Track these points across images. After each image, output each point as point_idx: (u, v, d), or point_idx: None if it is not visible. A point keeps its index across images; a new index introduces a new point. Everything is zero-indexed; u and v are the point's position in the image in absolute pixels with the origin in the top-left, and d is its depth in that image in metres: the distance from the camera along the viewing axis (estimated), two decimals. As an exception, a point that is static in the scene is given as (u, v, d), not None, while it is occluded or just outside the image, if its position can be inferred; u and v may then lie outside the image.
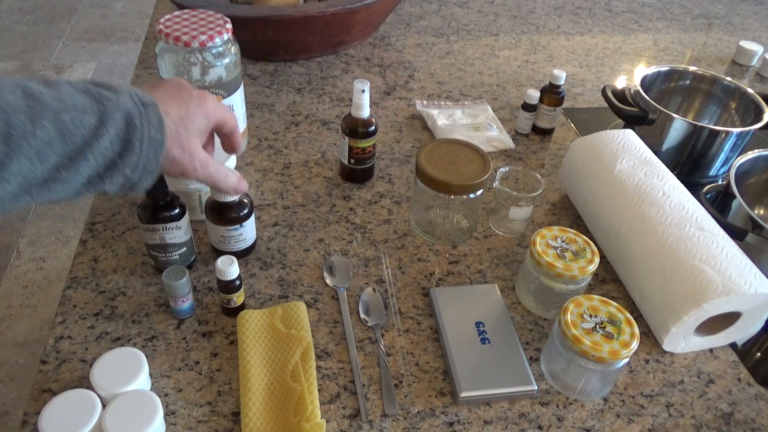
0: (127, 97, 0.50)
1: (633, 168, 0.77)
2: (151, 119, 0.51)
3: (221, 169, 0.59)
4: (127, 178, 0.50)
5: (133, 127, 0.49)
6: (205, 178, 0.58)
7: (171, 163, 0.54)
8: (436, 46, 1.28)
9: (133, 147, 0.49)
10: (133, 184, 0.51)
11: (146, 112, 0.51)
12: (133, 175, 0.50)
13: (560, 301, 0.68)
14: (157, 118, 0.52)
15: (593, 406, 0.63)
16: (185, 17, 0.81)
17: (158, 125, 0.51)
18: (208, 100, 0.58)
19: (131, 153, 0.49)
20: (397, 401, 0.62)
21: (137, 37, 3.09)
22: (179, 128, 0.54)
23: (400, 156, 0.96)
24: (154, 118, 0.51)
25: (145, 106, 0.51)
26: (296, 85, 1.10)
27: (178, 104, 0.55)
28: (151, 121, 0.51)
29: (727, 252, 0.67)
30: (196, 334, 0.66)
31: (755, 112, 0.96)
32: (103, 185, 0.49)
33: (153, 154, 0.51)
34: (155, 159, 0.51)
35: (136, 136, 0.49)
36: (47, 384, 0.61)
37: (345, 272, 0.75)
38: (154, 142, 0.51)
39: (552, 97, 0.98)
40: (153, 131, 0.51)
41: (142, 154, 0.50)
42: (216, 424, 0.59)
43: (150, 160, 0.51)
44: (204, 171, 0.57)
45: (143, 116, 0.50)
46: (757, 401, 0.65)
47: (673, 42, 1.39)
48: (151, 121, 0.51)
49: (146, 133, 0.50)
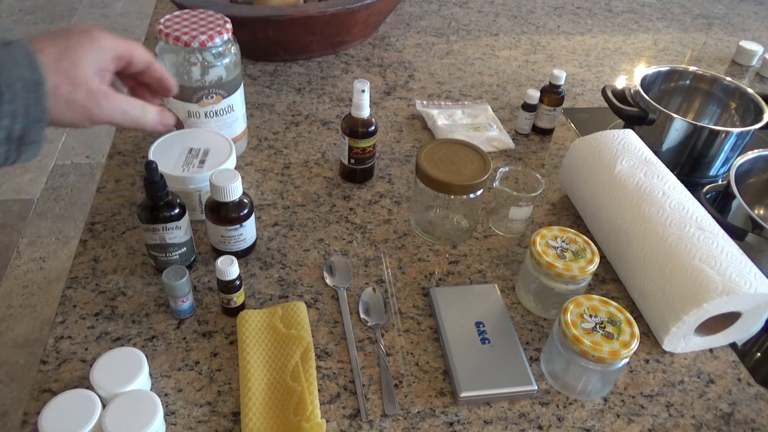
0: None
1: (633, 168, 0.77)
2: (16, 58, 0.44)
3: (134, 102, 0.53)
4: (8, 130, 0.44)
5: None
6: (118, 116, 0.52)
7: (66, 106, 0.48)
8: (436, 46, 1.28)
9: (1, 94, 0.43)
10: (21, 137, 0.45)
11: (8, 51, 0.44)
12: (15, 126, 0.45)
13: (560, 301, 0.68)
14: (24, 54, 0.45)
15: (593, 406, 0.63)
16: (185, 17, 0.81)
17: (28, 63, 0.45)
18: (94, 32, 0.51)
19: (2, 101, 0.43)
20: (397, 401, 0.62)
21: (137, 37, 3.08)
22: (62, 62, 0.48)
23: (400, 156, 0.96)
24: (20, 56, 0.45)
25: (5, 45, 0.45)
26: (296, 85, 1.10)
27: (53, 40, 0.49)
28: (18, 59, 0.44)
29: (727, 252, 0.67)
30: (196, 334, 0.66)
31: (755, 112, 0.96)
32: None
33: (34, 98, 0.45)
34: (37, 102, 0.45)
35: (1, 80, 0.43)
36: (47, 384, 0.61)
37: (345, 272, 0.75)
38: (29, 83, 0.45)
39: (552, 97, 0.98)
40: (23, 70, 0.45)
41: (16, 99, 0.44)
42: (216, 424, 0.59)
43: (31, 105, 0.45)
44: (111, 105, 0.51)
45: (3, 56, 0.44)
46: (757, 401, 0.65)
47: (673, 42, 1.39)
48: (17, 60, 0.44)
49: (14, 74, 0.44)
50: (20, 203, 2.12)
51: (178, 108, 0.83)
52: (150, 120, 0.56)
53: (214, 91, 0.81)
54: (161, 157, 0.75)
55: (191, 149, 0.77)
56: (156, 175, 0.63)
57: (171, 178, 0.72)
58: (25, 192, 2.17)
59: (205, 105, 0.82)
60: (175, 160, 0.75)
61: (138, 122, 0.55)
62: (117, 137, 0.94)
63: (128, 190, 0.84)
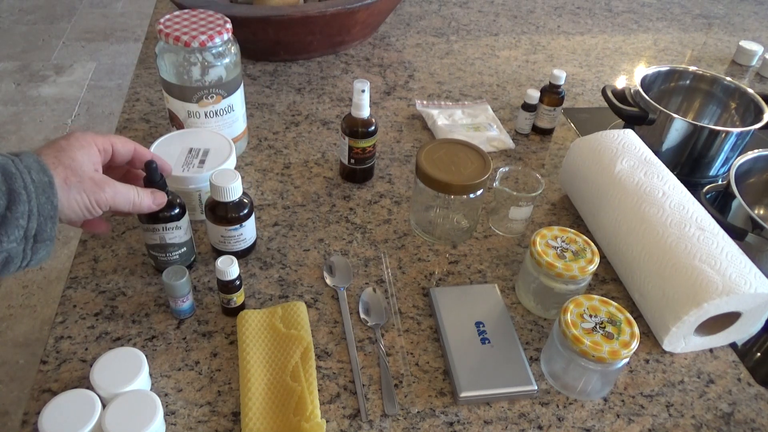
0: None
1: (633, 168, 0.77)
2: (28, 164, 0.50)
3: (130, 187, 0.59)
4: (24, 228, 0.49)
5: (11, 175, 0.49)
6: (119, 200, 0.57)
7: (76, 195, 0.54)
8: (436, 46, 1.28)
9: (18, 195, 0.48)
10: (36, 235, 0.50)
11: (20, 159, 0.50)
12: (30, 224, 0.49)
13: (560, 301, 0.68)
14: (35, 161, 0.51)
15: (593, 406, 0.63)
16: (185, 17, 0.81)
17: (39, 167, 0.51)
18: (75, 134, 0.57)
19: (19, 202, 0.48)
20: (397, 401, 0.62)
21: (137, 37, 3.09)
22: (63, 159, 0.54)
23: (400, 156, 0.96)
24: (31, 162, 0.51)
25: (18, 155, 0.51)
26: (296, 85, 1.10)
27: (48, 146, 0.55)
28: (30, 165, 0.50)
29: (727, 252, 0.67)
30: (196, 334, 0.66)
31: (755, 112, 0.96)
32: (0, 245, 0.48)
33: (46, 198, 0.50)
34: (49, 202, 0.51)
35: (18, 183, 0.48)
36: (47, 384, 0.61)
37: (345, 272, 0.75)
38: (41, 185, 0.50)
39: (552, 97, 0.98)
40: (35, 174, 0.50)
41: (32, 200, 0.49)
42: (216, 424, 0.59)
43: (44, 204, 0.50)
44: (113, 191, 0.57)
45: (18, 163, 0.50)
46: (757, 401, 0.65)
47: (673, 42, 1.39)
48: (29, 166, 0.50)
49: (28, 177, 0.49)
50: (20, 203, 2.12)
51: (178, 108, 0.83)
52: (145, 201, 0.61)
53: (214, 91, 0.81)
54: (161, 157, 0.75)
55: (191, 149, 0.77)
56: (156, 175, 0.63)
57: (171, 178, 0.72)
58: (25, 192, 2.17)
59: (205, 105, 0.82)
60: (175, 160, 0.75)
61: (134, 205, 0.60)
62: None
63: (128, 190, 0.84)
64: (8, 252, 0.49)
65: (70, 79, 2.74)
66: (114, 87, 2.72)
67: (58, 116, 2.52)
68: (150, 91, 1.05)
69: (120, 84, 2.74)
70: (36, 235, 0.50)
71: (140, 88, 1.06)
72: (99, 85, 2.72)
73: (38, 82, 2.70)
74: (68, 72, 2.79)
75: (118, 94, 2.67)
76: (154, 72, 1.11)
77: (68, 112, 2.55)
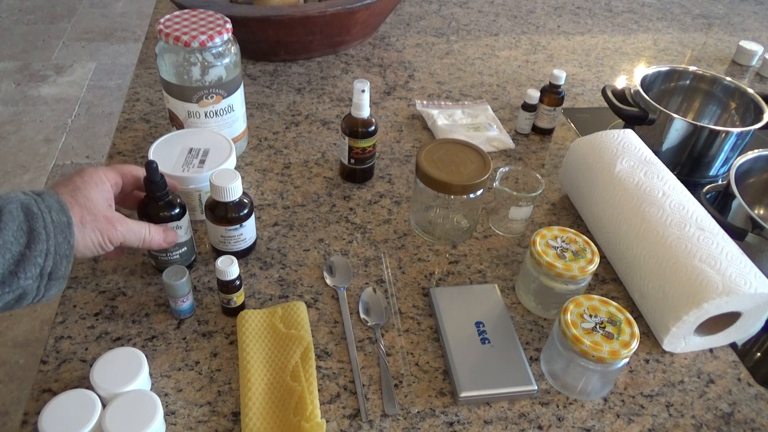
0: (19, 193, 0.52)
1: (633, 168, 0.77)
2: (49, 204, 0.52)
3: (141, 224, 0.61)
4: (41, 267, 0.50)
5: (33, 214, 0.50)
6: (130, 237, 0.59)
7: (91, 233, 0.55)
8: (436, 46, 1.28)
9: (38, 234, 0.50)
10: (51, 273, 0.51)
11: (42, 199, 0.52)
12: (47, 263, 0.51)
13: (560, 301, 0.68)
14: (56, 201, 0.53)
15: (593, 406, 0.63)
16: (185, 17, 0.81)
17: (59, 207, 0.52)
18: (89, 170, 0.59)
19: (38, 241, 0.50)
20: (397, 401, 0.62)
21: (137, 37, 3.09)
22: (78, 198, 0.55)
23: (400, 156, 0.96)
24: (53, 202, 0.52)
25: (40, 194, 0.52)
26: (296, 85, 1.10)
27: (64, 183, 0.57)
28: (51, 205, 0.52)
29: (727, 252, 0.67)
30: (196, 334, 0.66)
31: (755, 112, 0.96)
32: (18, 281, 0.49)
33: (63, 237, 0.52)
34: (66, 242, 0.52)
35: (39, 223, 0.50)
36: (47, 384, 0.61)
37: (345, 272, 0.75)
38: (60, 225, 0.52)
39: (552, 97, 0.98)
40: (55, 214, 0.52)
41: (50, 239, 0.50)
42: (216, 424, 0.59)
43: (61, 244, 0.52)
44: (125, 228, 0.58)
45: (40, 203, 0.51)
46: (757, 401, 0.65)
47: (673, 42, 1.39)
48: (50, 206, 0.52)
49: (48, 217, 0.51)
50: (20, 203, 2.12)
51: (178, 108, 0.83)
52: (155, 239, 0.63)
53: (214, 91, 0.81)
54: (161, 157, 0.75)
55: (191, 149, 0.77)
56: (156, 174, 0.63)
57: (171, 177, 0.72)
58: (25, 192, 2.17)
59: (205, 105, 0.82)
60: (175, 160, 0.75)
61: (145, 241, 0.62)
62: (117, 137, 0.94)
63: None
64: (23, 288, 0.50)
65: (70, 79, 2.74)
66: (114, 87, 2.72)
67: (58, 116, 2.52)
68: (150, 91, 1.05)
69: (120, 84, 2.74)
70: (51, 273, 0.52)
71: (140, 88, 1.06)
72: (99, 85, 2.72)
73: (38, 82, 2.71)
74: (68, 72, 2.79)
75: (118, 94, 2.67)
76: (154, 72, 1.11)
77: (68, 112, 2.55)
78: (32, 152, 2.33)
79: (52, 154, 2.33)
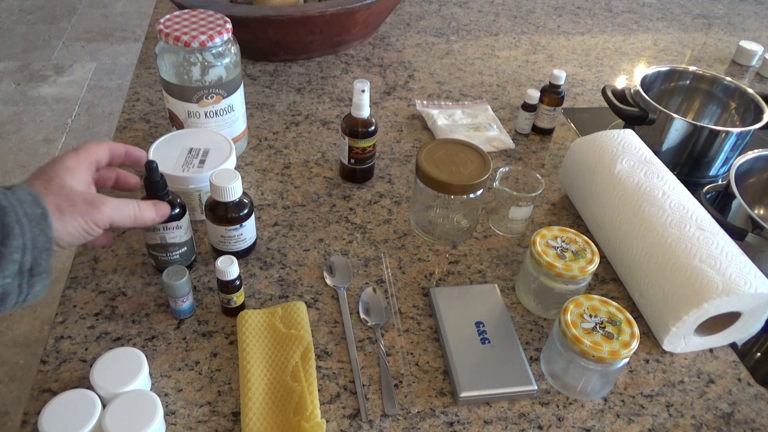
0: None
1: (633, 168, 0.77)
2: (21, 197, 0.50)
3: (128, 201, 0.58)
4: (20, 263, 0.48)
5: (2, 209, 0.48)
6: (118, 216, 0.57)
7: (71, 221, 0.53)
8: (436, 46, 1.28)
9: (11, 229, 0.47)
10: (31, 268, 0.49)
11: (12, 192, 0.50)
12: (25, 258, 0.48)
13: (560, 301, 0.68)
14: (28, 193, 0.50)
15: (593, 406, 0.63)
16: (185, 17, 0.81)
17: (31, 199, 0.50)
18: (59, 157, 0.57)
19: (12, 236, 0.47)
20: (397, 401, 0.62)
21: (137, 37, 3.09)
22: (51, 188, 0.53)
23: (400, 156, 0.96)
24: (24, 195, 0.50)
25: (9, 188, 0.50)
26: (296, 85, 1.10)
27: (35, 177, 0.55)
28: (22, 198, 0.50)
29: (727, 252, 0.67)
30: (196, 334, 0.66)
31: (755, 112, 0.96)
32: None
33: (40, 230, 0.49)
34: (43, 234, 0.50)
35: (10, 217, 0.48)
36: (47, 384, 0.61)
37: (345, 272, 0.75)
38: (34, 217, 0.49)
39: (552, 97, 0.98)
40: (28, 207, 0.49)
41: (25, 233, 0.48)
42: (216, 424, 0.59)
43: (38, 237, 0.49)
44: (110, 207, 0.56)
45: (10, 197, 0.49)
46: (757, 401, 0.65)
47: (673, 42, 1.39)
48: (22, 199, 0.49)
49: (20, 210, 0.49)
50: (20, 203, 2.12)
51: (178, 108, 0.83)
52: (147, 214, 0.60)
53: (214, 91, 0.81)
54: (161, 157, 0.75)
55: (191, 149, 0.77)
56: (156, 174, 0.63)
57: (171, 178, 0.72)
58: (25, 192, 2.17)
59: (205, 105, 0.82)
60: (175, 160, 0.75)
61: (136, 218, 0.59)
62: (117, 137, 0.94)
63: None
64: (3, 288, 0.48)
65: (70, 79, 2.74)
66: (114, 87, 2.72)
67: (58, 116, 2.52)
68: (150, 91, 1.05)
69: (120, 84, 2.74)
70: (32, 269, 0.49)
71: (140, 88, 1.06)
72: (99, 85, 2.72)
73: (38, 82, 2.71)
74: (68, 72, 2.79)
75: (118, 94, 2.67)
76: (154, 72, 1.11)
77: (68, 112, 2.55)
78: (32, 152, 2.33)
79: (52, 154, 2.33)
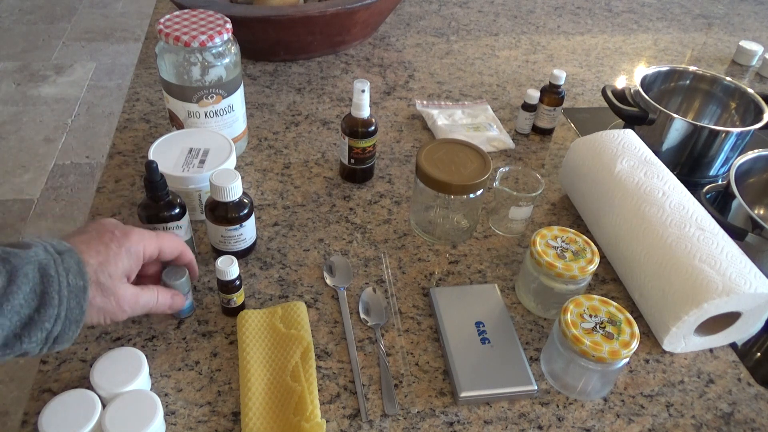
0: (40, 249, 0.48)
1: (633, 168, 0.77)
2: (68, 266, 0.49)
3: (151, 297, 0.58)
4: (48, 331, 0.48)
5: (49, 278, 0.47)
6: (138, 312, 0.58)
7: (97, 312, 0.53)
8: (436, 46, 1.28)
9: (51, 299, 0.47)
10: (56, 338, 0.49)
11: (62, 260, 0.49)
12: (55, 328, 0.48)
13: (560, 301, 0.68)
14: (76, 263, 0.50)
15: (593, 406, 0.63)
16: (185, 17, 0.81)
17: (78, 270, 0.50)
18: (131, 237, 0.56)
19: (49, 305, 0.47)
20: (397, 401, 0.62)
21: (137, 37, 3.09)
22: (99, 276, 0.52)
23: (400, 156, 0.96)
24: (72, 264, 0.49)
25: (61, 254, 0.49)
26: (296, 85, 1.10)
27: (97, 249, 0.53)
28: (69, 267, 0.49)
29: (727, 252, 0.67)
30: (196, 334, 0.66)
31: (755, 112, 0.96)
32: (21, 345, 0.47)
33: (76, 302, 0.49)
34: (79, 307, 0.49)
35: (53, 287, 0.47)
36: (47, 384, 0.61)
37: (345, 272, 0.75)
38: (75, 289, 0.49)
39: (552, 97, 0.98)
40: (72, 277, 0.49)
41: (62, 304, 0.48)
42: (216, 424, 0.59)
43: (73, 309, 0.49)
44: (133, 309, 0.56)
45: (59, 264, 0.48)
46: (757, 401, 0.65)
47: (673, 42, 1.39)
48: (69, 268, 0.49)
49: (64, 281, 0.48)
50: (20, 203, 2.12)
51: (178, 108, 0.83)
52: (160, 307, 0.60)
53: (214, 91, 0.81)
54: (161, 157, 0.75)
55: (191, 149, 0.77)
56: (156, 174, 0.63)
57: (171, 178, 0.72)
58: (25, 192, 2.17)
59: (205, 105, 0.82)
60: (175, 160, 0.75)
61: (152, 310, 0.60)
62: (117, 137, 0.94)
63: (128, 190, 0.84)
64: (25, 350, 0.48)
65: (70, 79, 2.74)
66: (114, 87, 2.72)
67: (58, 116, 2.52)
68: (150, 91, 1.05)
69: (120, 84, 2.74)
70: (57, 337, 0.49)
71: (140, 88, 1.06)
72: (99, 85, 2.72)
73: (38, 82, 2.71)
74: (68, 72, 2.79)
75: (118, 94, 2.68)
76: (154, 72, 1.11)
77: (68, 112, 2.55)
78: (32, 152, 2.33)
79: (52, 154, 2.33)
